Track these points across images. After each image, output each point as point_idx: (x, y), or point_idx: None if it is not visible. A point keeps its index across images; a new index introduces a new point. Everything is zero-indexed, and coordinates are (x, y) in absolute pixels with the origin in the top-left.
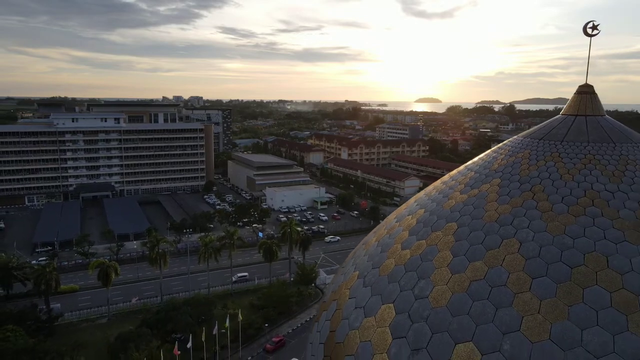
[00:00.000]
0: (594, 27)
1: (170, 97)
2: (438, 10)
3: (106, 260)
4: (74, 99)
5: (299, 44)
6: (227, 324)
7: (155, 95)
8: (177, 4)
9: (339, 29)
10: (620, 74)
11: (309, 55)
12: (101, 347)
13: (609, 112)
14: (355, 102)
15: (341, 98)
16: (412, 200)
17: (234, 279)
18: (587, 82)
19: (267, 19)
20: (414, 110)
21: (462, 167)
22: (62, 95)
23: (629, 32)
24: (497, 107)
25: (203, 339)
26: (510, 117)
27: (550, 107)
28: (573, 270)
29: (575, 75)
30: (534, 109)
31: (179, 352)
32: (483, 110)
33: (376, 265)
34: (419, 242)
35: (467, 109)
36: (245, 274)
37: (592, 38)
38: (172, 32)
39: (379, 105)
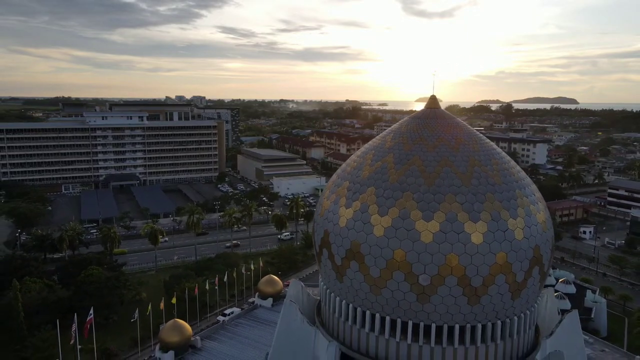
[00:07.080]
0: (435, 73)
1: (173, 96)
2: (438, 10)
3: (154, 225)
4: (77, 99)
5: (299, 44)
6: (253, 267)
7: (157, 94)
8: (177, 3)
9: (339, 29)
10: (621, 73)
11: (309, 55)
12: (155, 286)
13: (604, 111)
14: (355, 101)
15: (342, 97)
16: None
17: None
18: (433, 94)
19: (267, 18)
20: (413, 109)
21: (388, 130)
22: (66, 95)
23: (629, 31)
24: (495, 106)
25: (232, 275)
26: (506, 115)
27: (548, 106)
28: None
29: (576, 74)
30: (532, 108)
31: (217, 286)
32: (480, 109)
33: (345, 169)
34: (359, 158)
35: (464, 108)
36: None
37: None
38: (173, 32)
39: (380, 104)
